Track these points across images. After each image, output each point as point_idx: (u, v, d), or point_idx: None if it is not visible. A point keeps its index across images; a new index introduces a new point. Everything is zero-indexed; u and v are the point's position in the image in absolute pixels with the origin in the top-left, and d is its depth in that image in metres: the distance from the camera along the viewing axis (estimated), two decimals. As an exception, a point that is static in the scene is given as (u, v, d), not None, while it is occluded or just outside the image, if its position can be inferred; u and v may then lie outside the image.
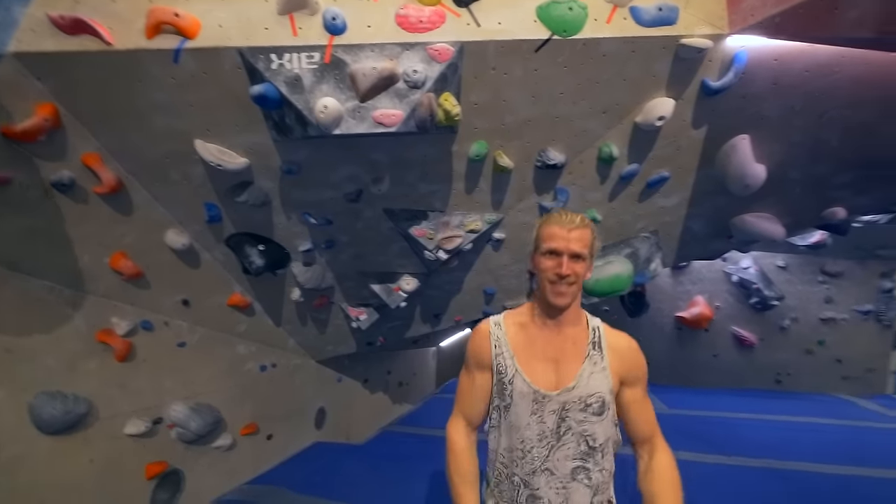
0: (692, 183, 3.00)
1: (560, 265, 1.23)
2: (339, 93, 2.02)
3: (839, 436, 5.23)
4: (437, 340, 8.98)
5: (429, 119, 2.13)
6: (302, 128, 2.11)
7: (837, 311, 7.38)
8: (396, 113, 2.04)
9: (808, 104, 2.55)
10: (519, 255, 3.52)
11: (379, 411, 6.71)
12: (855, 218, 3.84)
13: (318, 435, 5.18)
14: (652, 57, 2.29)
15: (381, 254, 3.40)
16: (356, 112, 2.05)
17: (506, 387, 1.31)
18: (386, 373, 7.24)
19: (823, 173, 2.93)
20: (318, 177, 2.68)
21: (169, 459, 3.29)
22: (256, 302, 3.82)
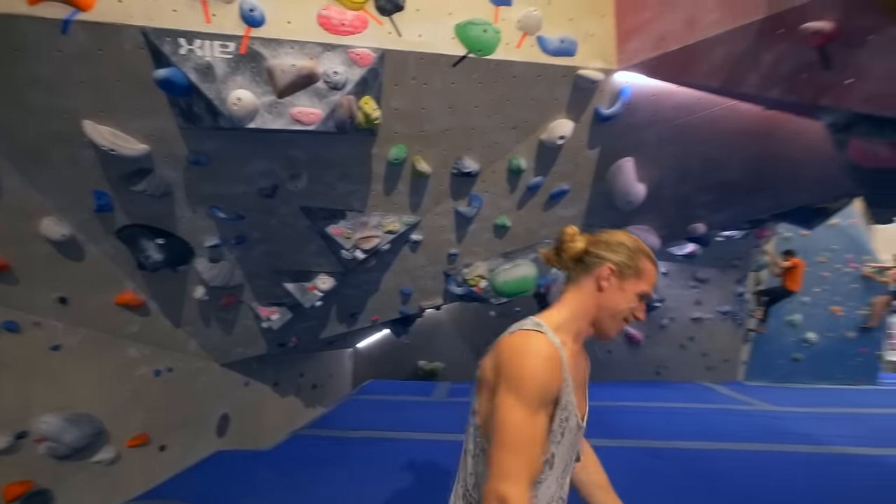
0: (587, 197, 3.38)
1: (642, 310, 1.11)
2: (254, 86, 1.98)
3: (701, 418, 6.17)
4: (355, 341, 8.85)
5: (348, 121, 2.18)
6: (212, 118, 2.03)
7: (704, 312, 8.67)
8: (315, 112, 2.06)
9: (677, 136, 3.03)
10: (435, 256, 3.67)
11: (291, 415, 6.44)
12: (714, 232, 4.59)
13: (221, 443, 4.85)
14: (555, 82, 2.57)
15: (297, 252, 3.34)
16: (273, 107, 2.02)
17: (560, 423, 1.04)
18: (299, 375, 6.97)
19: (688, 194, 3.49)
20: (230, 170, 2.57)
21: (35, 478, 2.89)
22: (152, 300, 3.50)
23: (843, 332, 8.79)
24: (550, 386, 0.98)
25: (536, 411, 0.95)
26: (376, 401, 7.54)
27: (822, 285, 8.90)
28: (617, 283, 1.07)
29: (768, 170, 3.33)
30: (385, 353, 9.67)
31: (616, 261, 1.07)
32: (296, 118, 2.03)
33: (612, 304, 1.08)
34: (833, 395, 7.80)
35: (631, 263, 1.08)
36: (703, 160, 3.22)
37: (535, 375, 0.95)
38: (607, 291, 1.07)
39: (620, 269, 1.07)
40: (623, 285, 1.07)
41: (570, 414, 1.05)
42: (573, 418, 1.06)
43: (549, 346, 1.00)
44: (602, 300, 1.08)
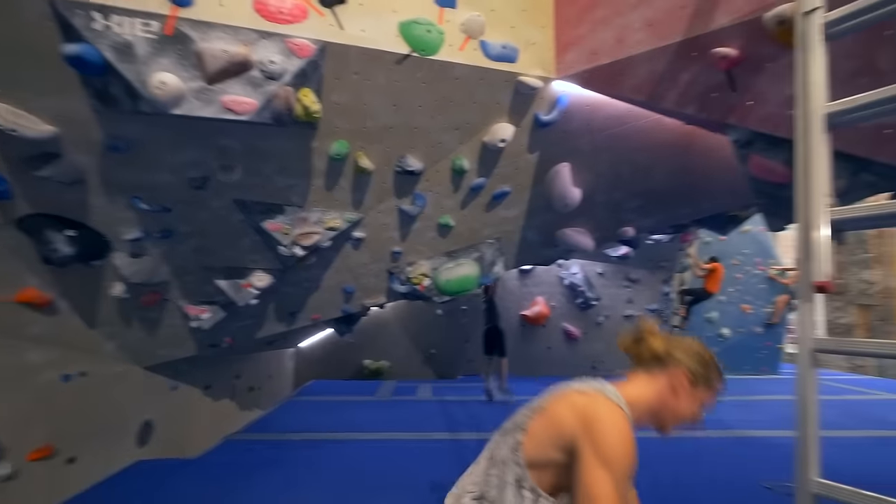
0: (528, 199, 3.51)
1: (700, 417, 1.16)
2: (181, 70, 1.86)
3: None
4: (296, 341, 8.55)
5: (286, 113, 2.11)
6: (132, 101, 1.88)
7: (635, 309, 9.30)
8: (249, 101, 1.97)
9: (609, 144, 3.23)
10: (378, 254, 3.64)
11: (224, 420, 6.09)
12: (642, 235, 4.93)
13: (142, 453, 4.50)
14: (497, 87, 2.65)
15: (230, 247, 3.17)
16: (202, 94, 1.91)
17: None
18: (234, 377, 6.62)
19: (619, 199, 3.73)
20: (154, 157, 2.39)
21: None
22: (61, 298, 3.18)
23: (752, 328, 9.80)
24: (634, 467, 1.02)
25: (623, 486, 0.99)
26: (318, 402, 7.34)
27: (735, 286, 9.86)
28: (689, 389, 1.12)
29: (688, 179, 3.63)
30: (329, 353, 9.43)
31: (693, 369, 1.12)
32: (228, 107, 1.93)
33: (679, 406, 1.12)
34: (743, 384, 8.67)
35: (705, 374, 1.13)
36: (632, 168, 3.45)
37: (628, 454, 0.99)
38: (679, 394, 1.12)
39: (695, 377, 1.12)
40: (694, 392, 1.12)
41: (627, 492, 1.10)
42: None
43: (631, 427, 1.05)
44: (671, 400, 1.12)
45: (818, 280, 1.02)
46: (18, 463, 3.15)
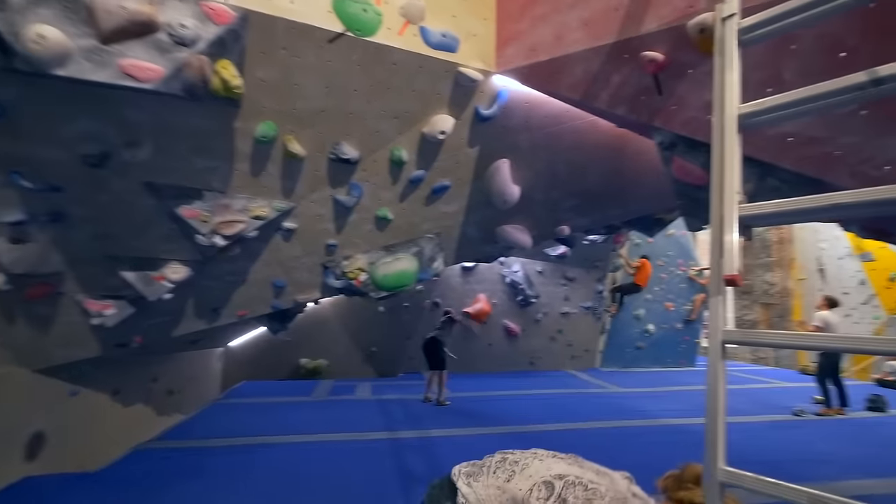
0: (468, 194, 3.49)
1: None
2: (67, 24, 1.60)
3: (563, 402, 6.87)
4: (225, 339, 7.99)
5: (201, 85, 1.89)
6: (3, 56, 1.59)
7: (571, 307, 9.70)
8: (154, 68, 1.74)
9: (547, 142, 3.28)
10: (311, 246, 3.45)
11: (136, 428, 5.53)
12: (578, 234, 5.11)
13: (32, 468, 3.95)
14: (437, 76, 2.58)
15: (139, 236, 2.84)
16: (94, 54, 1.66)
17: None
18: (150, 380, 6.03)
19: (556, 198, 3.82)
20: (38, 127, 2.06)
21: None
22: (-83, 290, 2.68)
23: (673, 324, 10.59)
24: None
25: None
26: (247, 404, 6.90)
27: (660, 285, 10.60)
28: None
29: (619, 181, 3.80)
30: (262, 352, 8.91)
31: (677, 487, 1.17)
32: (127, 72, 1.69)
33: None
34: (663, 376, 9.34)
35: (691, 493, 1.14)
36: (568, 167, 3.54)
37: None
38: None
39: (680, 487, 1.16)
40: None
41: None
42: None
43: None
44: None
45: (728, 274, 1.05)
46: None
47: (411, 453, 4.31)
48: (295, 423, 5.61)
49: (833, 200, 1.00)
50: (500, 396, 7.14)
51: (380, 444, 4.67)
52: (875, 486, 3.55)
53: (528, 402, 6.79)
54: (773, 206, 1.07)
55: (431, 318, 9.05)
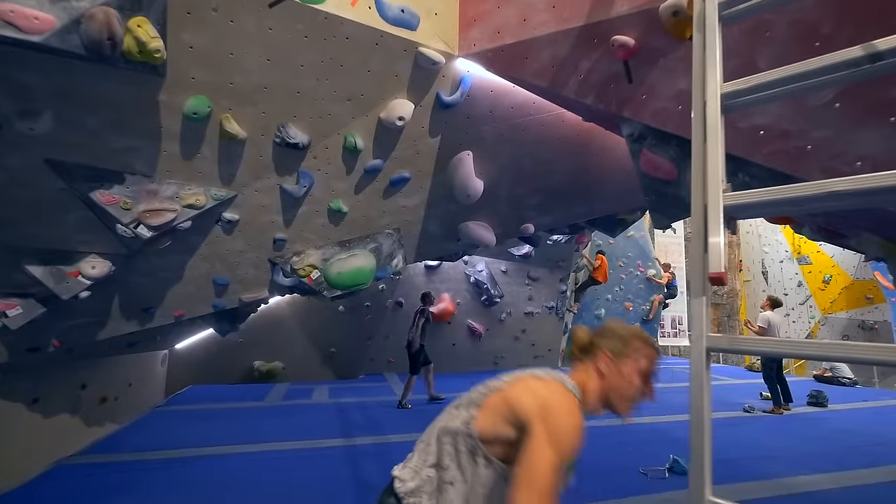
0: (429, 187, 3.29)
1: (650, 388, 1.18)
2: (-81, -48, 1.27)
3: None
4: (170, 341, 7.42)
5: (107, 43, 1.59)
6: None
7: (534, 307, 9.71)
8: (43, 17, 1.43)
9: (513, 134, 3.13)
10: (256, 240, 3.14)
11: (61, 441, 4.97)
12: (541, 233, 5.03)
13: (-78, 492, 3.41)
14: (394, 56, 2.36)
15: (47, 224, 2.45)
16: (-42, -7, 1.33)
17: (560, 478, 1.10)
18: (78, 387, 5.47)
19: (521, 195, 3.69)
20: None
21: None
22: None
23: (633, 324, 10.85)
24: (576, 454, 1.10)
25: (561, 471, 1.05)
26: (193, 411, 6.40)
27: (620, 285, 10.83)
28: (614, 366, 1.17)
29: (585, 179, 3.72)
30: (212, 354, 8.36)
31: (611, 347, 1.19)
32: (6, 19, 1.37)
33: (616, 386, 1.16)
34: (623, 374, 9.51)
35: (623, 347, 1.19)
36: (534, 162, 3.41)
37: (574, 441, 1.06)
38: (608, 375, 1.17)
39: (615, 353, 1.18)
40: (620, 367, 1.17)
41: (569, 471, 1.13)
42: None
43: (577, 404, 1.12)
44: (606, 383, 1.17)
45: (714, 271, 0.91)
46: None
47: (369, 460, 4.06)
48: (244, 432, 5.21)
49: (829, 188, 0.88)
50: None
51: (336, 451, 4.38)
52: (822, 482, 3.64)
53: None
54: (762, 194, 0.94)
55: (394, 319, 8.80)
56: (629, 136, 2.10)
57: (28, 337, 3.21)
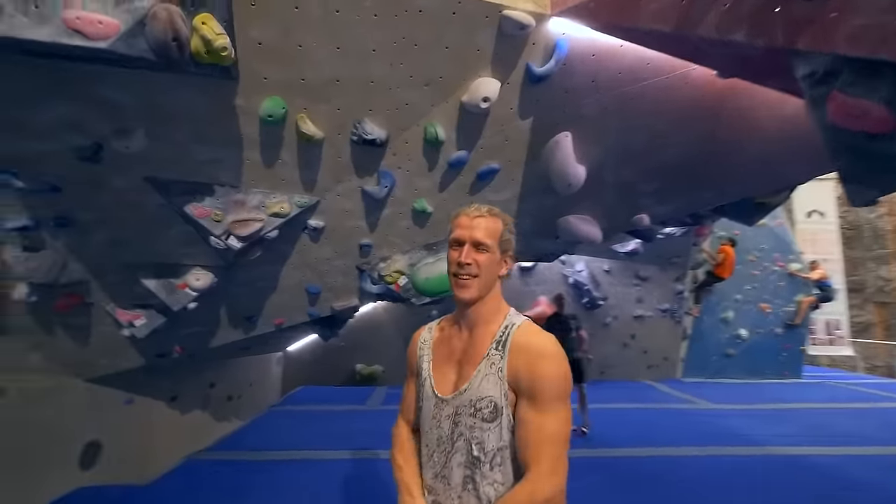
0: (521, 178, 2.90)
1: (461, 254, 1.14)
2: (-5, -31, 1.27)
3: (643, 418, 5.97)
4: (282, 344, 7.99)
5: (173, 45, 1.50)
6: (-71, 18, 1.29)
7: (645, 309, 8.63)
8: (107, 21, 1.37)
9: (619, 107, 2.60)
10: (343, 247, 3.04)
11: (194, 435, 5.52)
12: (657, 225, 4.30)
13: (87, 477, 3.94)
14: (474, 24, 2.03)
15: (154, 240, 2.59)
16: (32, 6, 1.32)
17: (420, 390, 1.26)
18: (208, 386, 6.07)
19: (631, 180, 3.10)
20: (16, 116, 1.80)
21: None
22: (-48, 303, 2.61)
23: (771, 329, 9.10)
24: (410, 357, 1.32)
25: (407, 375, 1.34)
26: (302, 412, 6.74)
27: (753, 283, 9.17)
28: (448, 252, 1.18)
29: (714, 154, 3.00)
30: (318, 357, 8.85)
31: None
32: (73, 27, 1.33)
33: (448, 269, 1.18)
34: (764, 389, 7.97)
35: (449, 227, 1.19)
36: (648, 137, 2.82)
37: (407, 350, 1.34)
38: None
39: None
40: (449, 249, 1.17)
41: (424, 381, 1.23)
42: (427, 386, 1.22)
43: (419, 330, 1.34)
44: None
45: None
46: None
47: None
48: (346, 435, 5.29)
49: None
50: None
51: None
52: None
53: (599, 416, 5.93)
54: None
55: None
56: (808, 78, 1.49)
57: (155, 344, 3.51)
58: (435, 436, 1.19)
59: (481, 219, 1.15)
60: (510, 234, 1.18)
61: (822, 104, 1.47)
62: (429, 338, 1.30)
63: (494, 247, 1.15)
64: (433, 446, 1.20)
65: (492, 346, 1.16)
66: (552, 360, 1.09)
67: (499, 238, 1.16)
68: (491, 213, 1.17)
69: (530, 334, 1.14)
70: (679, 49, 2.00)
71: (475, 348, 1.18)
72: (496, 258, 1.17)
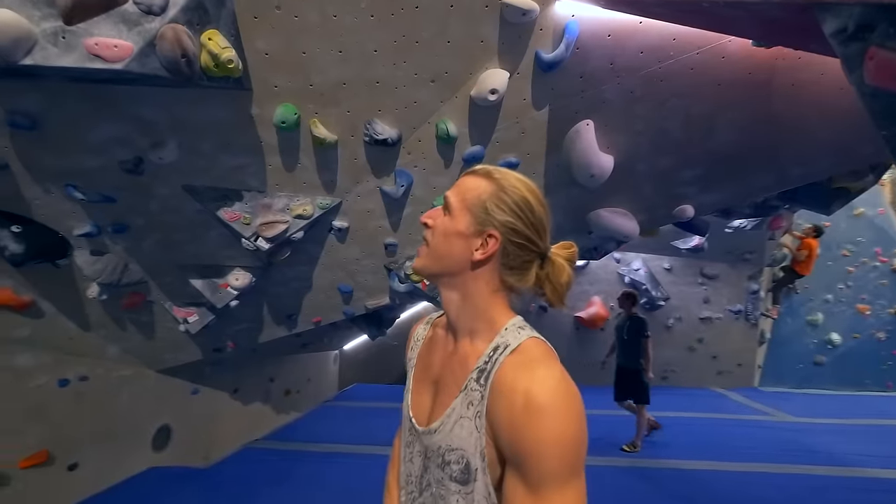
0: (543, 171, 2.79)
1: (427, 215, 0.92)
2: (30, 7, 1.47)
3: (713, 429, 5.48)
4: (338, 343, 8.38)
5: (182, 61, 1.64)
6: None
7: (713, 311, 7.91)
8: (122, 44, 1.53)
9: (647, 90, 2.42)
10: (369, 247, 3.12)
11: (253, 425, 5.98)
12: (710, 217, 3.93)
13: (159, 458, 4.40)
14: (475, 16, 2.00)
15: (196, 242, 2.83)
16: (60, 37, 1.50)
17: (403, 402, 0.99)
18: (268, 380, 6.52)
19: (669, 167, 2.86)
20: (69, 135, 2.07)
21: None
22: (43, 301, 3.05)
23: (872, 333, 7.93)
24: (404, 356, 1.05)
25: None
26: (352, 408, 7.03)
27: (846, 281, 8.07)
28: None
29: (768, 133, 2.68)
30: (372, 356, 9.18)
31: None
32: (94, 52, 1.50)
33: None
34: (861, 403, 6.97)
35: None
36: (683, 121, 2.59)
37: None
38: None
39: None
40: None
41: (405, 394, 0.97)
42: (405, 401, 0.95)
43: (416, 325, 1.07)
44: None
45: None
46: (9, 471, 3.07)
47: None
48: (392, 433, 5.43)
49: None
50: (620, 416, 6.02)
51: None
52: None
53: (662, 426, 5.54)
54: None
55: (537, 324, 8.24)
56: (839, 35, 1.28)
57: (210, 339, 3.84)
58: (406, 471, 0.91)
59: (468, 176, 0.88)
60: (502, 209, 0.81)
61: (858, 64, 1.26)
62: (422, 336, 1.01)
63: (459, 210, 0.84)
64: (403, 479, 0.93)
65: (472, 374, 0.80)
66: (549, 415, 0.68)
67: (472, 202, 0.83)
68: (485, 173, 0.86)
69: (523, 367, 0.74)
70: (694, 18, 1.81)
71: (455, 371, 0.84)
72: (458, 227, 0.83)
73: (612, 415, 5.94)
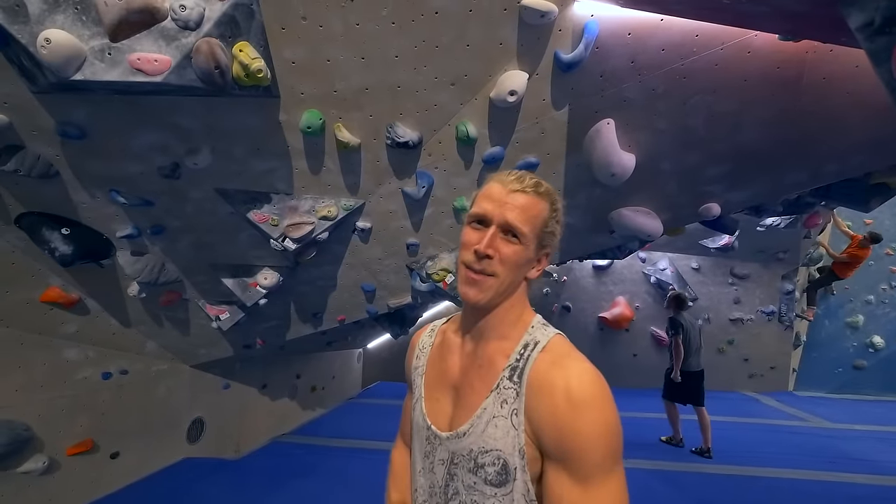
0: (563, 171, 2.79)
1: (482, 239, 0.80)
2: (80, 27, 1.59)
3: (744, 435, 5.32)
4: (361, 341, 8.54)
5: (216, 73, 1.74)
6: (41, 72, 1.66)
7: (744, 312, 7.66)
8: (161, 58, 1.64)
9: (670, 87, 2.39)
10: (391, 247, 3.19)
11: (280, 420, 6.17)
12: (739, 215, 3.82)
13: (193, 450, 4.61)
14: (493, 19, 2.03)
15: (228, 243, 2.96)
16: (105, 53, 1.62)
17: (413, 413, 0.97)
18: (294, 377, 6.71)
19: (694, 165, 2.81)
20: (113, 144, 2.21)
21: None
22: (89, 298, 3.25)
23: (919, 337, 7.52)
24: (406, 366, 1.05)
25: (408, 390, 1.02)
26: (376, 405, 7.15)
27: (890, 281, 7.67)
28: (463, 228, 0.86)
29: (798, 128, 2.60)
30: (395, 355, 9.30)
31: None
32: (136, 66, 1.61)
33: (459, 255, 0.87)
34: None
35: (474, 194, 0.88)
36: (708, 120, 2.54)
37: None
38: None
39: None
40: (465, 226, 0.85)
41: (416, 402, 0.95)
42: (418, 410, 0.93)
43: (418, 333, 1.05)
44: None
45: None
46: (56, 457, 3.28)
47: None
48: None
49: None
50: (648, 419, 5.92)
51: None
52: None
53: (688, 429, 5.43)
54: None
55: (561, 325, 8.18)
56: (865, 28, 1.26)
57: (241, 336, 4.00)
58: (426, 482, 0.88)
59: (521, 195, 0.80)
60: (556, 225, 0.83)
61: (885, 58, 1.22)
62: (428, 343, 0.99)
63: (531, 238, 0.80)
64: (424, 495, 0.89)
65: (504, 372, 0.80)
66: (592, 408, 0.72)
67: (540, 227, 0.81)
68: (537, 190, 0.82)
69: (556, 363, 0.77)
70: (716, 15, 1.79)
71: (481, 372, 0.84)
72: (529, 254, 0.81)
73: (636, 417, 5.87)
